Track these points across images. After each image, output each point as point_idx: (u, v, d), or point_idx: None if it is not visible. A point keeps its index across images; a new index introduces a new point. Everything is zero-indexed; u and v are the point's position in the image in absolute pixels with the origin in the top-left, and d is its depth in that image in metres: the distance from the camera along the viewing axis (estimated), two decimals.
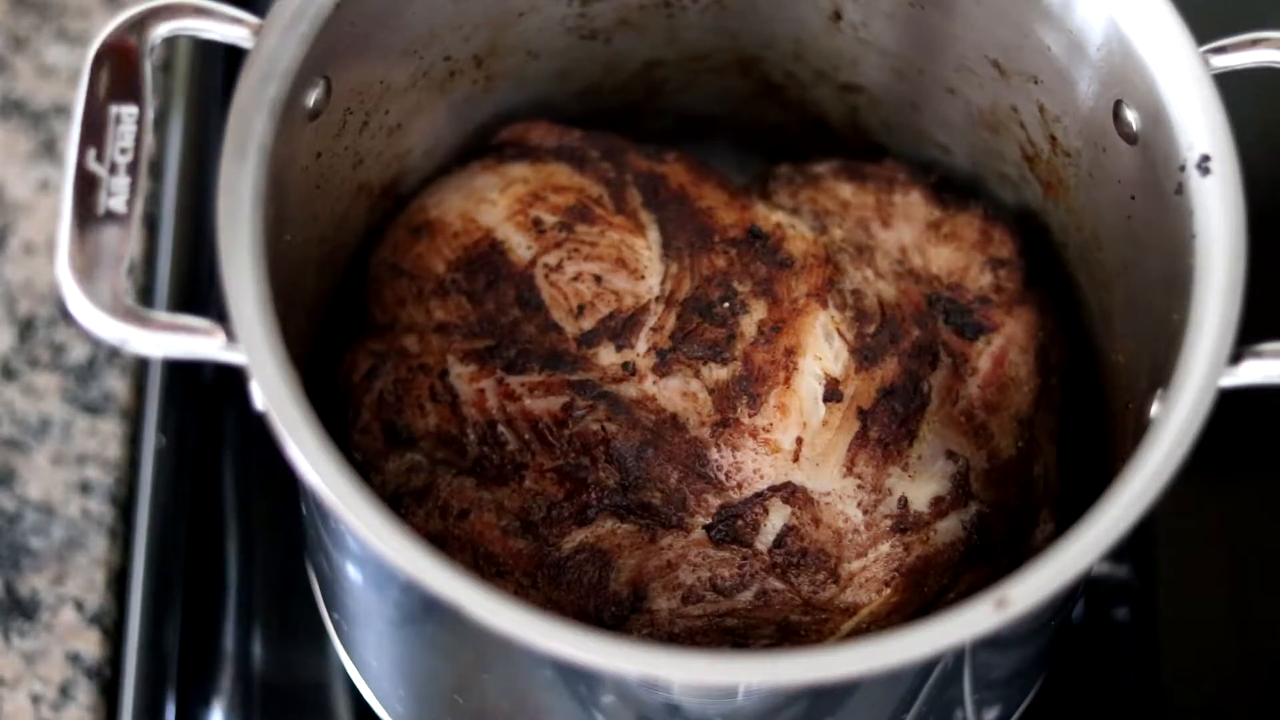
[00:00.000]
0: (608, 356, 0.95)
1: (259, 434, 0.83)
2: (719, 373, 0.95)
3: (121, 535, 1.07)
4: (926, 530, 0.93)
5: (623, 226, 0.98)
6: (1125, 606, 1.07)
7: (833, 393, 0.94)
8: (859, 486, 0.93)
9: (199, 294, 1.10)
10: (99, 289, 0.82)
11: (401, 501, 0.93)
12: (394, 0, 0.93)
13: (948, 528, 0.93)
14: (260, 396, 0.81)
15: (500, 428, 0.93)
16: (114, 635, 1.05)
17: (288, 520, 1.00)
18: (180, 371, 1.09)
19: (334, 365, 0.98)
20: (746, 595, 0.91)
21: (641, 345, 0.95)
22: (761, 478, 0.93)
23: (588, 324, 0.96)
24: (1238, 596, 1.08)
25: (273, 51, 0.88)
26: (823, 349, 0.95)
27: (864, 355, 0.95)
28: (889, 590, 0.91)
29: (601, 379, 0.94)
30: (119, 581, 1.06)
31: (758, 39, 1.04)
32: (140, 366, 1.10)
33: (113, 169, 0.84)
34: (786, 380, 0.94)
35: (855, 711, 0.88)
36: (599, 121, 1.04)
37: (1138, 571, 1.07)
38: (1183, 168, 0.88)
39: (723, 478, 0.93)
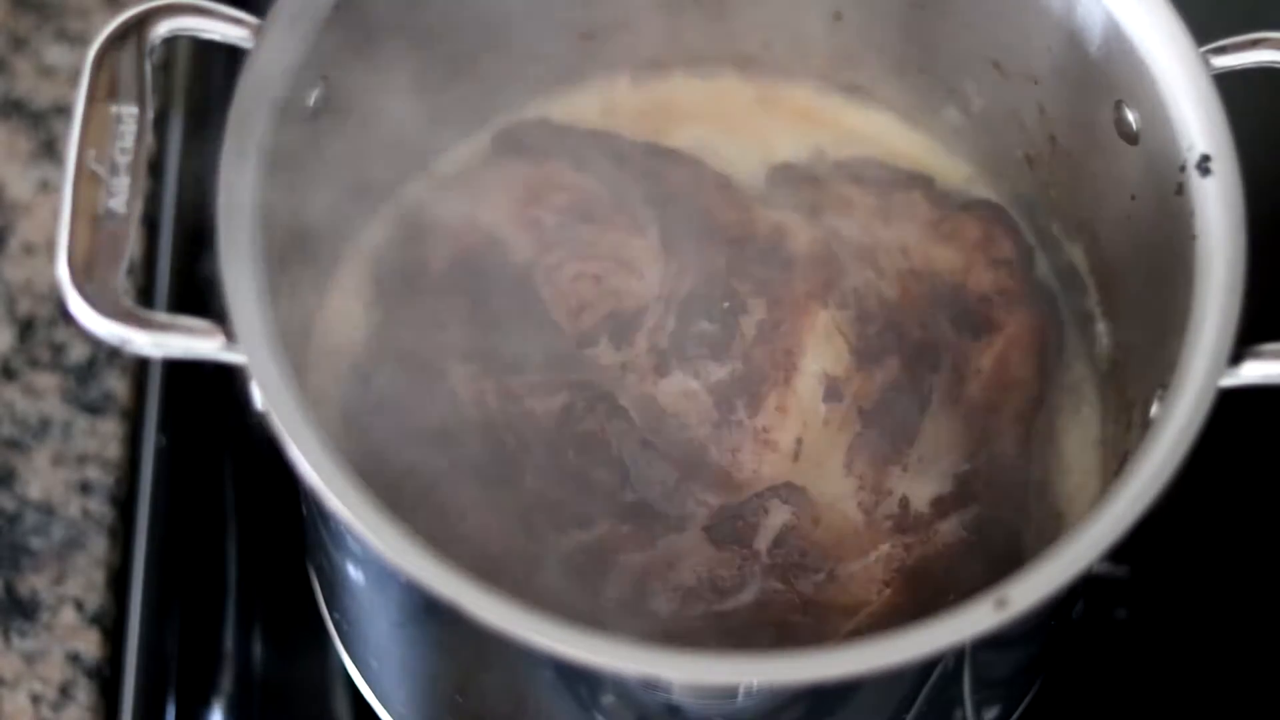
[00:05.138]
0: (608, 356, 0.95)
1: (259, 434, 0.83)
2: (719, 373, 0.95)
3: (121, 535, 1.07)
4: (927, 530, 0.93)
5: (623, 226, 0.98)
6: (1125, 606, 1.07)
7: (833, 393, 0.94)
8: (859, 487, 0.93)
9: (199, 294, 1.10)
10: (99, 289, 0.82)
11: (402, 502, 0.93)
12: (394, 0, 0.93)
13: (948, 528, 0.93)
14: (260, 396, 0.81)
15: (500, 428, 0.93)
16: (114, 635, 1.05)
17: (288, 520, 1.00)
18: (180, 371, 1.09)
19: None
20: (746, 595, 0.91)
21: (641, 345, 0.95)
22: (761, 478, 0.93)
23: (588, 324, 0.96)
24: (1238, 597, 1.08)
25: (273, 51, 0.88)
26: (823, 349, 0.95)
27: (865, 355, 0.95)
28: (889, 590, 0.91)
29: (601, 379, 0.94)
30: (119, 581, 1.06)
31: (758, 39, 1.04)
32: (140, 366, 1.10)
33: (113, 169, 0.84)
34: (787, 380, 0.94)
35: (855, 711, 0.88)
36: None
37: (1138, 571, 1.07)
38: (1183, 168, 0.88)
39: (723, 478, 0.93)
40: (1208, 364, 0.83)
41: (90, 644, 1.04)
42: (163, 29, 0.88)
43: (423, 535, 0.80)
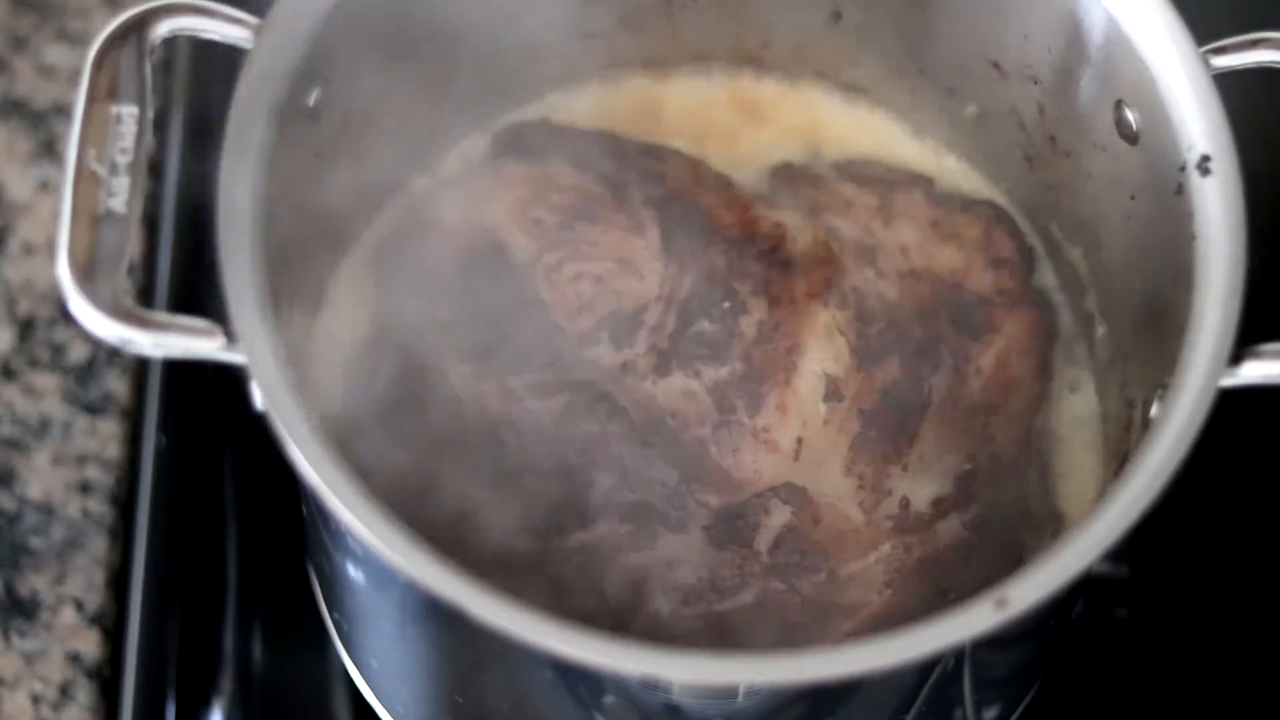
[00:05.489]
0: (608, 356, 0.95)
1: (259, 434, 0.83)
2: (719, 372, 0.95)
3: (121, 535, 1.07)
4: (927, 531, 0.93)
5: (623, 226, 0.99)
6: (1125, 606, 1.07)
7: (833, 393, 0.94)
8: (859, 487, 0.93)
9: (199, 294, 1.10)
10: (99, 289, 0.82)
11: (402, 502, 0.93)
12: (394, 0, 0.93)
13: (948, 528, 0.93)
14: (260, 396, 0.81)
15: (500, 428, 0.93)
16: (114, 635, 1.05)
17: (288, 520, 1.00)
18: (180, 371, 1.09)
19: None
20: (746, 596, 0.91)
21: (641, 345, 0.96)
22: (761, 478, 0.93)
23: (588, 324, 0.96)
24: (1238, 597, 1.08)
25: (273, 51, 0.88)
26: (823, 349, 0.95)
27: (865, 355, 0.95)
28: (889, 591, 0.91)
29: (601, 379, 0.94)
30: (119, 581, 1.06)
31: (758, 39, 1.04)
32: (140, 366, 1.10)
33: (113, 169, 0.84)
34: (787, 380, 0.94)
35: (855, 711, 0.88)
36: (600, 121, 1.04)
37: (1137, 571, 1.07)
38: (1183, 168, 0.88)
39: (723, 478, 0.93)
40: (1208, 364, 0.83)
41: (90, 644, 1.04)
42: (163, 29, 0.88)
43: (423, 535, 0.80)
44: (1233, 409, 0.84)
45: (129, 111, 0.86)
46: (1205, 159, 0.87)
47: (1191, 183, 0.87)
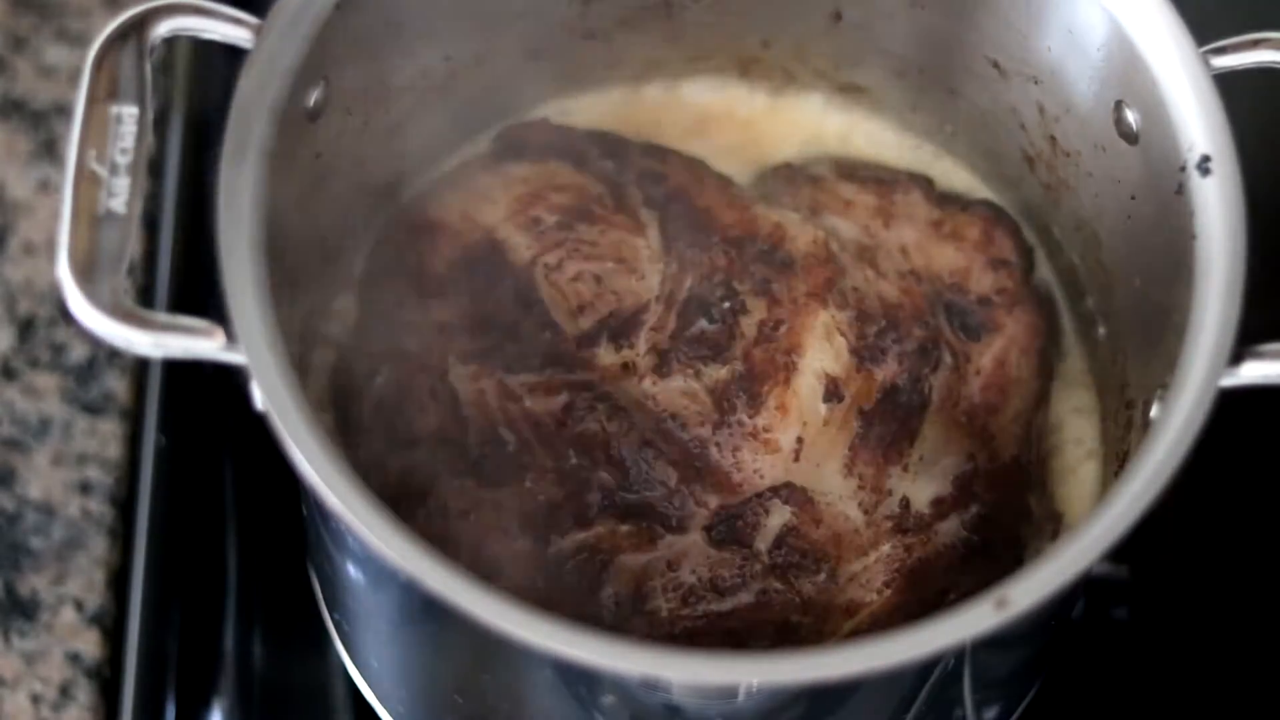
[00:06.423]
0: (608, 356, 0.95)
1: (259, 434, 0.83)
2: (719, 372, 0.95)
3: (121, 535, 1.07)
4: (927, 531, 0.93)
5: (623, 226, 0.98)
6: (1125, 606, 1.07)
7: (833, 393, 0.94)
8: (859, 487, 0.93)
9: (199, 294, 1.10)
10: (99, 289, 0.82)
11: (402, 502, 0.93)
12: (394, 0, 0.93)
13: (948, 528, 0.93)
14: (260, 396, 0.81)
15: (500, 428, 0.93)
16: (114, 635, 1.05)
17: (288, 520, 1.00)
18: (180, 371, 1.09)
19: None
20: (746, 596, 0.91)
21: (641, 345, 0.95)
22: (762, 478, 0.93)
23: (587, 324, 0.96)
24: (1238, 597, 1.08)
25: (273, 51, 0.88)
26: (823, 349, 0.95)
27: (865, 355, 0.95)
28: (889, 591, 0.91)
29: (601, 379, 0.94)
30: (119, 581, 1.06)
31: (758, 39, 1.04)
32: (140, 366, 1.10)
33: (113, 169, 0.84)
34: (787, 380, 0.94)
35: (855, 711, 0.88)
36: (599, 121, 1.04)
37: (1138, 571, 1.07)
38: (1183, 168, 0.88)
39: (723, 478, 0.93)
40: (1208, 364, 0.83)
41: (90, 644, 1.04)
42: (163, 29, 0.88)
43: (423, 535, 0.80)
44: (1233, 409, 0.84)
45: (129, 111, 0.86)
46: (1205, 159, 0.87)
47: (1191, 183, 0.87)
